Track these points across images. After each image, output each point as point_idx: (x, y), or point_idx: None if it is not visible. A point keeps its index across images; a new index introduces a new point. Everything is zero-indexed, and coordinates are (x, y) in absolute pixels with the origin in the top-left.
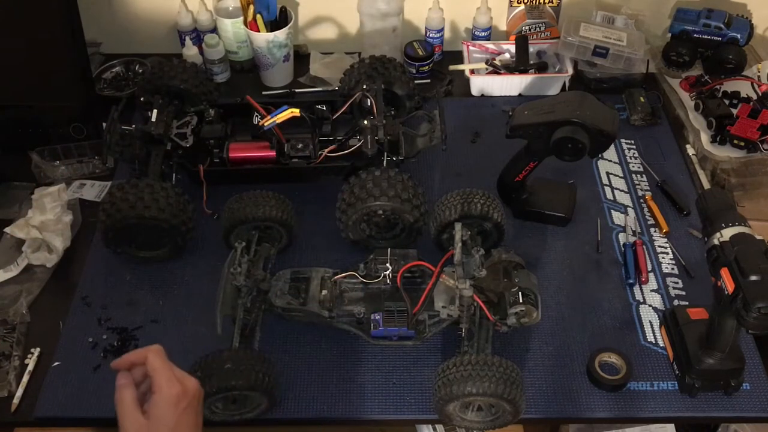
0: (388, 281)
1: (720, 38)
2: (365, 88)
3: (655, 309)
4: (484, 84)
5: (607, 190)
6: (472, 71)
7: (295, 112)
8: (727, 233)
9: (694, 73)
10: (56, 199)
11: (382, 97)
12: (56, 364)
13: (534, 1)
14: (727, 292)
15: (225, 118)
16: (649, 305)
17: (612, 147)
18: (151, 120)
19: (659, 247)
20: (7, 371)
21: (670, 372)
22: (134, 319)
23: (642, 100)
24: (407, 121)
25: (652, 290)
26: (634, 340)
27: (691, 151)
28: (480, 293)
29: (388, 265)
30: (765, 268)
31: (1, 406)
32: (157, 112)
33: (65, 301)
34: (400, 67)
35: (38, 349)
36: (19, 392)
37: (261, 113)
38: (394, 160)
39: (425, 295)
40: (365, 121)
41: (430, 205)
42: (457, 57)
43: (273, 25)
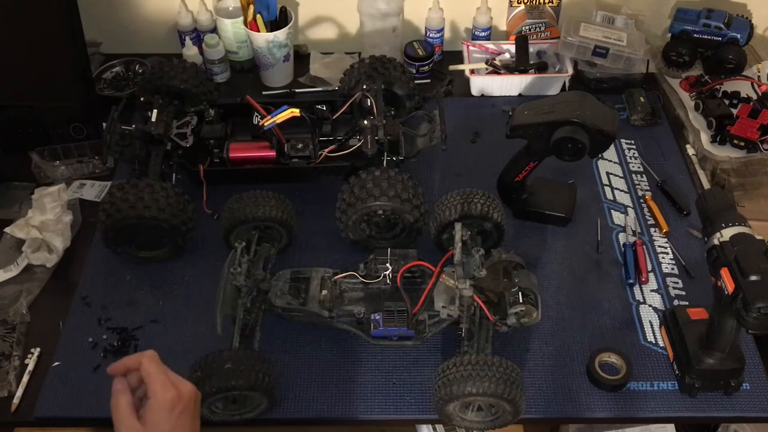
0: (388, 281)
1: (720, 38)
2: (365, 88)
3: (655, 309)
4: (484, 84)
5: (607, 190)
6: (472, 71)
7: (295, 112)
8: (727, 233)
9: (694, 73)
10: (56, 199)
11: (382, 97)
12: (56, 364)
13: (534, 1)
14: (727, 292)
15: (225, 118)
16: (649, 305)
17: (612, 147)
18: (151, 120)
19: (659, 247)
20: (7, 371)
21: (670, 372)
22: (134, 319)
23: (642, 100)
24: (407, 121)
25: (652, 290)
26: (634, 340)
27: (691, 151)
28: (480, 293)
29: (388, 265)
30: (765, 268)
31: (1, 406)
32: (157, 112)
33: (65, 301)
34: (400, 67)
35: (38, 349)
36: (19, 392)
37: (261, 113)
38: (394, 160)
39: (425, 295)
40: (365, 121)
41: (430, 205)
42: (457, 57)
43: (273, 25)
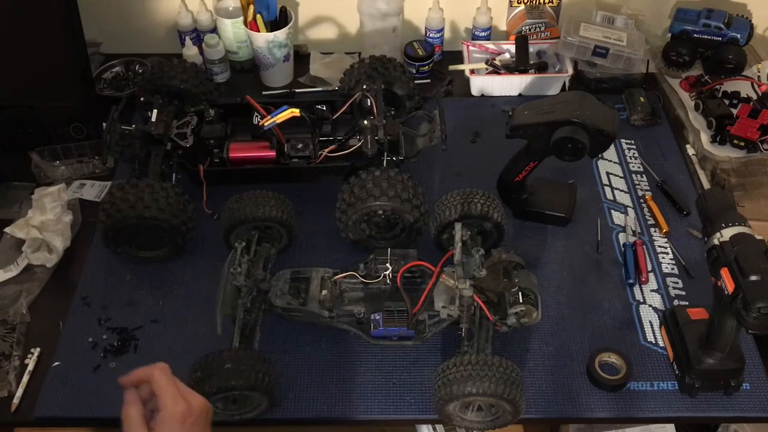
0: (388, 281)
1: (720, 38)
2: (365, 88)
3: (655, 309)
4: (484, 84)
5: (607, 190)
6: (472, 71)
7: (295, 112)
8: (727, 233)
9: (694, 73)
10: (56, 199)
11: (382, 97)
12: (56, 364)
13: (534, 1)
14: (727, 292)
15: (225, 118)
16: (649, 305)
17: (612, 147)
18: (151, 120)
19: (659, 247)
20: (7, 371)
21: (670, 372)
22: (134, 319)
23: (642, 100)
24: (407, 121)
25: (652, 290)
26: (634, 340)
27: (691, 151)
28: (480, 293)
29: (388, 265)
30: (765, 268)
31: (1, 406)
32: (157, 112)
33: (65, 301)
34: (400, 67)
35: (38, 349)
36: (19, 392)
37: (261, 113)
38: (394, 160)
39: (425, 295)
40: (365, 121)
41: (430, 205)
42: (457, 57)
43: (273, 25)
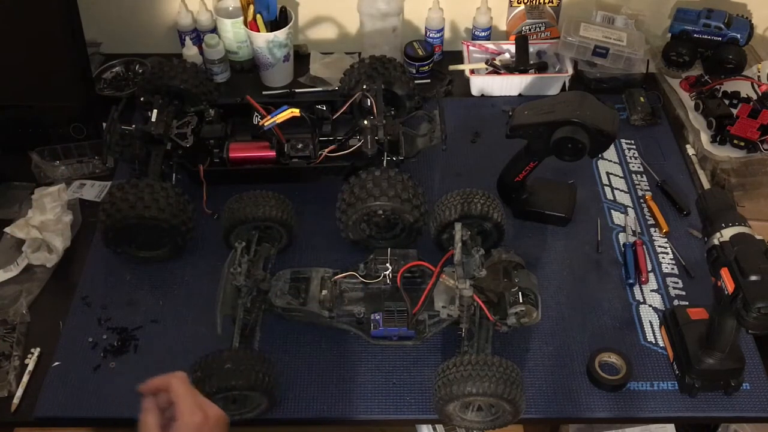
0: (388, 281)
1: (720, 38)
2: (365, 88)
3: (655, 309)
4: (484, 84)
5: (607, 190)
6: (472, 71)
7: (295, 112)
8: (727, 233)
9: (694, 73)
10: (56, 199)
11: (382, 97)
12: (56, 364)
13: (534, 1)
14: (727, 292)
15: (225, 118)
16: (649, 305)
17: (612, 147)
18: (151, 120)
19: (659, 247)
20: (7, 371)
21: (670, 372)
22: (134, 319)
23: (642, 100)
24: (407, 121)
25: (652, 290)
26: (634, 340)
27: (691, 151)
28: (480, 293)
29: (388, 265)
30: (765, 268)
31: (1, 406)
32: (157, 112)
33: (65, 301)
34: (400, 67)
35: (38, 349)
36: (19, 392)
37: (261, 113)
38: (394, 160)
39: (425, 295)
40: (365, 121)
41: (430, 205)
42: (457, 57)
43: (273, 25)
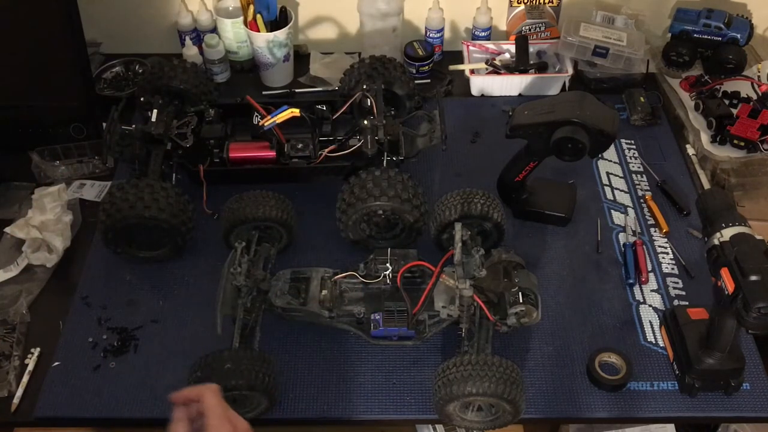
0: (388, 281)
1: (720, 38)
2: (365, 88)
3: (655, 309)
4: (484, 84)
5: (607, 190)
6: (472, 71)
7: (295, 112)
8: (727, 233)
9: (694, 73)
10: (56, 199)
11: (382, 97)
12: (56, 364)
13: (534, 1)
14: (727, 292)
15: (225, 118)
16: (649, 305)
17: (612, 147)
18: (151, 120)
19: (659, 247)
20: (7, 371)
21: (670, 372)
22: (134, 319)
23: (642, 100)
24: (407, 121)
25: (652, 290)
26: (634, 340)
27: (691, 151)
28: (480, 293)
29: (388, 265)
30: (765, 268)
31: (1, 406)
32: (157, 112)
33: (65, 301)
34: (400, 67)
35: (38, 349)
36: (19, 392)
37: (261, 113)
38: (394, 160)
39: (425, 295)
40: (365, 121)
41: (430, 205)
42: (457, 57)
43: (273, 25)
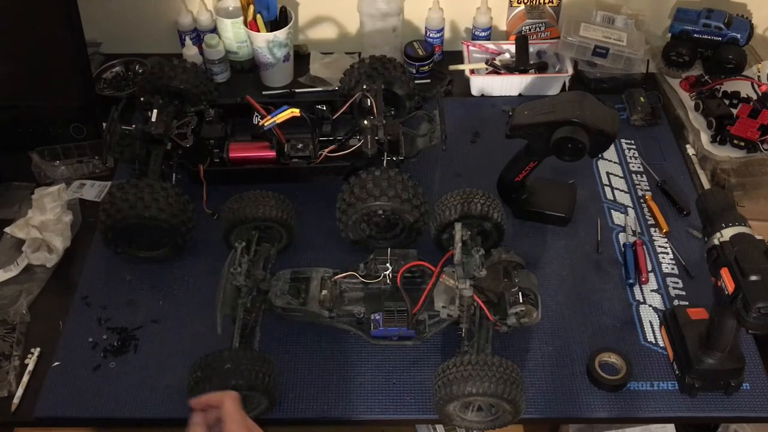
0: (388, 281)
1: (720, 38)
2: (365, 88)
3: (655, 309)
4: (484, 84)
5: (607, 190)
6: (472, 71)
7: (295, 112)
8: (727, 233)
9: (694, 73)
10: (56, 199)
11: (382, 97)
12: (56, 364)
13: (534, 1)
14: (727, 292)
15: (225, 118)
16: (649, 305)
17: (612, 147)
18: (151, 120)
19: (659, 247)
20: (7, 371)
21: (670, 372)
22: (134, 319)
23: (642, 100)
24: (407, 121)
25: (652, 290)
26: (634, 340)
27: (691, 151)
28: (480, 293)
29: (388, 265)
30: (765, 268)
31: (1, 406)
32: (157, 112)
33: (65, 301)
34: (400, 67)
35: (38, 349)
36: (19, 392)
37: (261, 113)
38: (394, 160)
39: (425, 295)
40: (365, 121)
41: (430, 205)
42: (457, 57)
43: (273, 25)
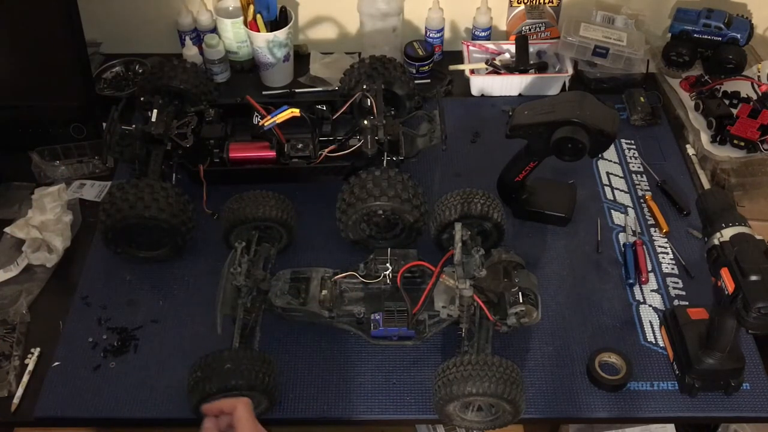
0: (388, 281)
1: (720, 38)
2: (365, 88)
3: (655, 309)
4: (484, 84)
5: (607, 190)
6: (472, 71)
7: (295, 112)
8: (727, 233)
9: (694, 73)
10: (56, 199)
11: (382, 97)
12: (56, 364)
13: (534, 1)
14: (727, 292)
15: (225, 118)
16: (649, 305)
17: (612, 147)
18: (151, 120)
19: (659, 247)
20: (7, 371)
21: (670, 372)
22: (134, 319)
23: (642, 100)
24: (407, 121)
25: (652, 290)
26: (634, 340)
27: (691, 151)
28: (480, 293)
29: (388, 265)
30: (765, 268)
31: (1, 406)
32: (157, 112)
33: (65, 301)
34: (400, 67)
35: (38, 349)
36: (19, 392)
37: (261, 113)
38: (394, 160)
39: (425, 295)
40: (365, 121)
41: (430, 205)
42: (457, 57)
43: (273, 25)
